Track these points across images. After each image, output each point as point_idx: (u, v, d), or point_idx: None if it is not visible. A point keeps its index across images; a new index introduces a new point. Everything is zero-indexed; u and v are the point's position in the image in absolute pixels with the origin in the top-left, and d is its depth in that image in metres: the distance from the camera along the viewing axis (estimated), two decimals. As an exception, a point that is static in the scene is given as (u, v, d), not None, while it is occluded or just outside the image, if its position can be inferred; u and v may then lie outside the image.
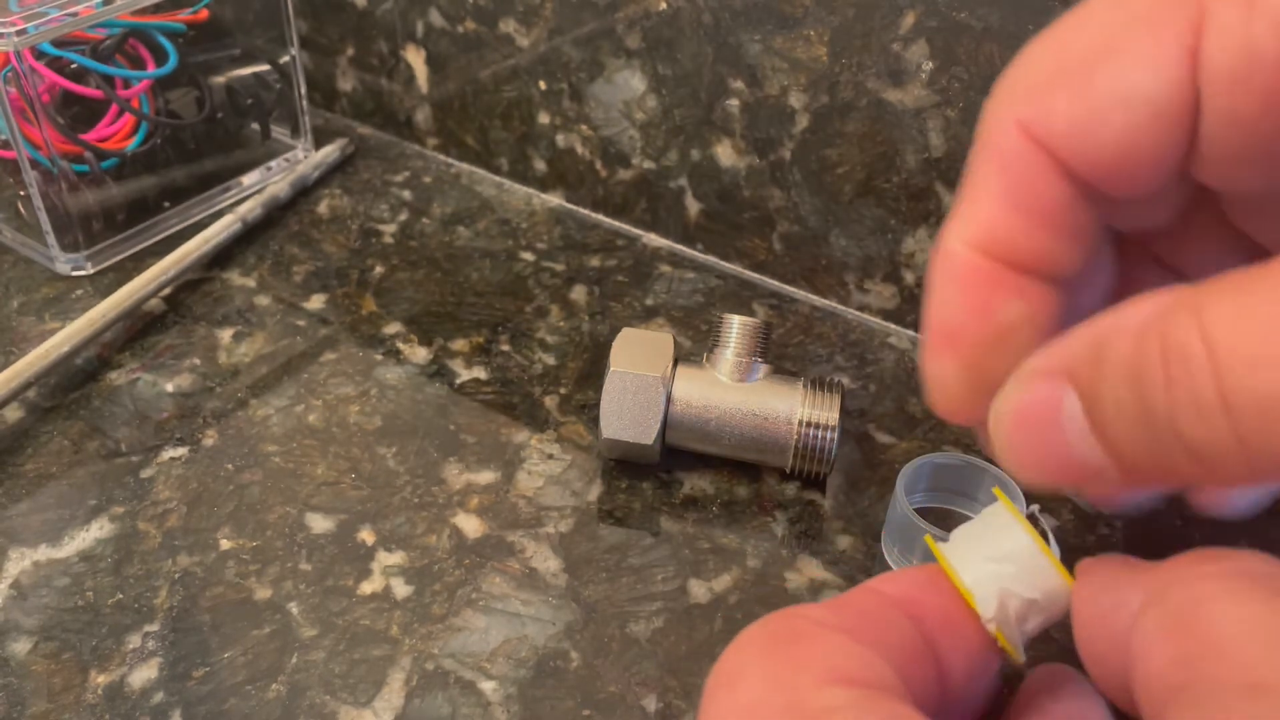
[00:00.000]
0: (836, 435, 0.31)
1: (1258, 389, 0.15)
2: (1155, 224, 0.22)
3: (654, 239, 0.44)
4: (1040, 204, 0.19)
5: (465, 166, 0.49)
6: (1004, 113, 0.20)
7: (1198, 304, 0.16)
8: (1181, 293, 0.16)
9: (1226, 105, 0.17)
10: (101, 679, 0.27)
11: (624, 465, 0.33)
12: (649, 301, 0.41)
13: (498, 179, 0.48)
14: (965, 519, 0.32)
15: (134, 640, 0.28)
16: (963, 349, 0.21)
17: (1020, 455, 0.19)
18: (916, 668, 0.19)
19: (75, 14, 0.38)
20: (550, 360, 0.38)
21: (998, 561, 0.20)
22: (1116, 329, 0.17)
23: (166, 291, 0.40)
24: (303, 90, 0.47)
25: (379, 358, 0.38)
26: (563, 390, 0.36)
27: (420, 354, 0.38)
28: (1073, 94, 0.18)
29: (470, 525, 0.31)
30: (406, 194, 0.47)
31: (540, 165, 0.46)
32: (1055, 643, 0.26)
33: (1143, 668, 0.17)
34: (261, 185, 0.46)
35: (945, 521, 0.32)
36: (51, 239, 0.40)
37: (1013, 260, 0.20)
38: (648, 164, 0.43)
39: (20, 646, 0.28)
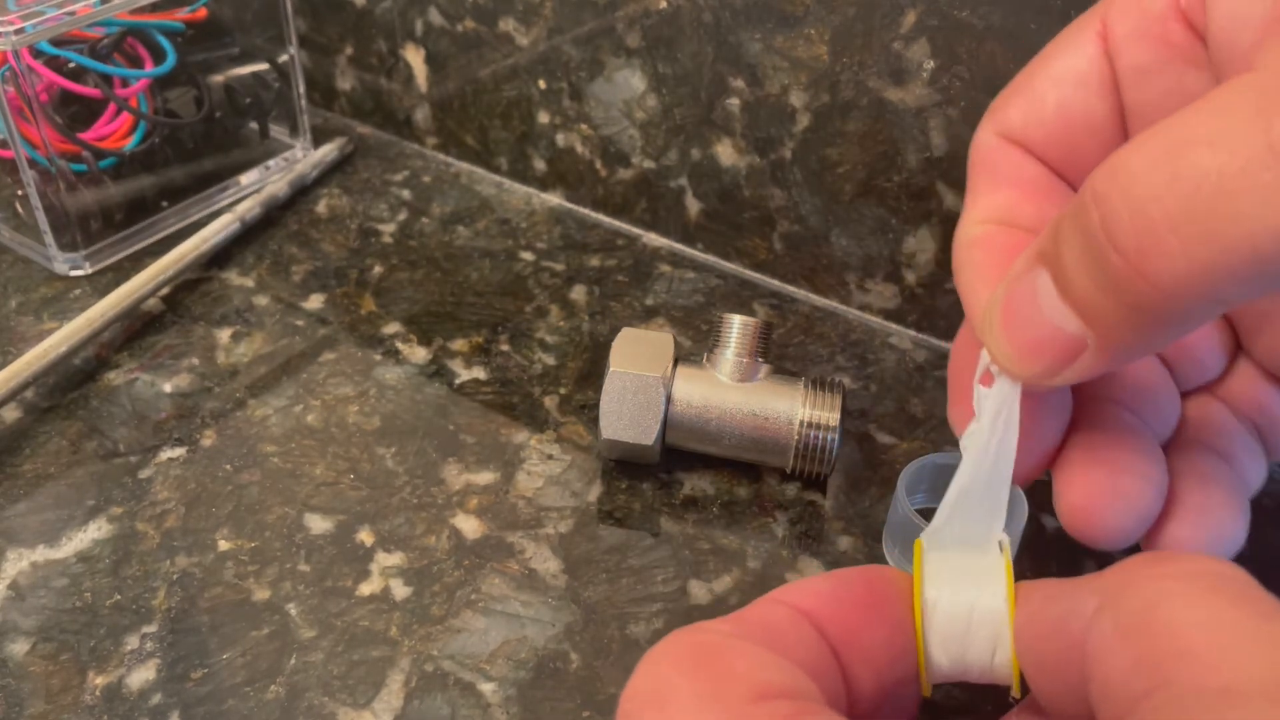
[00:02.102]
0: (837, 435, 0.31)
1: (1184, 172, 0.16)
2: None
3: (654, 239, 0.44)
4: (1021, 177, 0.24)
5: (465, 166, 0.49)
6: (981, 133, 0.25)
7: (1114, 153, 0.18)
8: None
9: (1131, 62, 0.22)
10: (100, 680, 0.27)
11: (624, 465, 0.33)
12: (649, 301, 0.41)
13: (497, 178, 0.48)
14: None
15: (132, 641, 0.28)
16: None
17: (1011, 344, 0.20)
18: (825, 681, 0.18)
19: (73, 13, 0.37)
20: (550, 360, 0.38)
21: (965, 621, 0.19)
22: (1068, 206, 0.19)
23: (165, 291, 0.40)
24: (301, 89, 0.47)
25: (378, 358, 0.37)
26: (563, 390, 0.36)
27: (420, 354, 0.38)
28: (1021, 96, 0.24)
29: (470, 526, 0.31)
30: (406, 193, 0.47)
31: (540, 165, 0.46)
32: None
33: (1101, 673, 0.16)
34: (260, 185, 0.46)
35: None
36: (49, 238, 0.40)
37: (1017, 225, 0.23)
38: (648, 163, 0.43)
39: (18, 647, 0.28)
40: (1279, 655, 0.14)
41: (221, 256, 0.42)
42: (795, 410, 0.31)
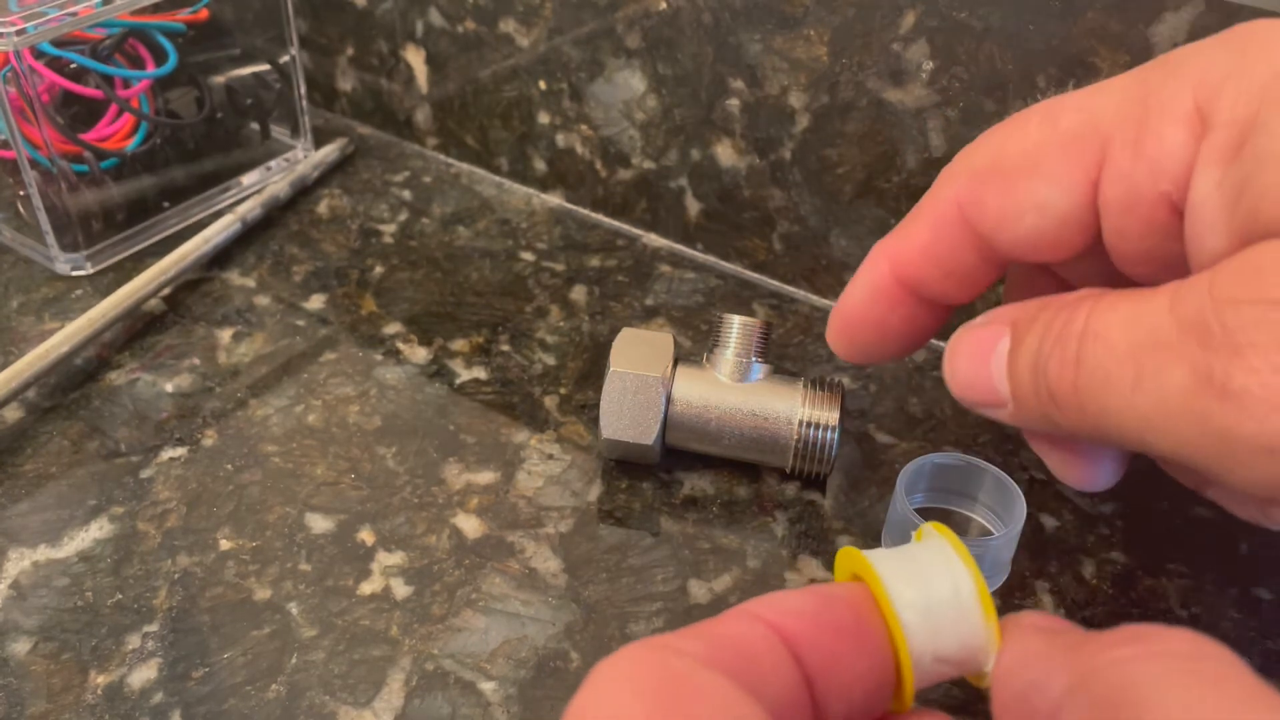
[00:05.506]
0: (837, 435, 0.31)
1: (1097, 359, 0.20)
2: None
3: (654, 239, 0.44)
4: (951, 263, 0.25)
5: (465, 166, 0.49)
6: (949, 187, 0.25)
7: (1099, 297, 0.21)
8: (1105, 291, 0.21)
9: (1116, 226, 0.22)
10: (101, 679, 0.27)
11: (624, 465, 0.33)
12: (649, 301, 0.41)
13: (498, 179, 0.48)
14: (966, 519, 0.32)
15: (133, 640, 0.28)
16: (852, 330, 0.28)
17: (959, 373, 0.25)
18: (793, 715, 0.17)
19: (75, 14, 0.38)
20: (550, 360, 0.38)
21: (936, 606, 0.19)
22: (1056, 302, 0.22)
23: (166, 291, 0.40)
24: (302, 90, 0.47)
25: (379, 358, 0.38)
26: (563, 390, 0.36)
27: (420, 354, 0.38)
28: (1001, 192, 0.24)
29: (470, 525, 0.31)
30: (406, 194, 0.47)
31: (540, 165, 0.46)
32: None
33: None
34: (261, 185, 0.46)
35: (945, 521, 0.32)
36: (51, 239, 0.40)
37: (917, 291, 0.26)
38: (648, 164, 0.43)
39: (20, 647, 0.28)
40: None
41: (223, 257, 0.42)
42: (795, 410, 0.31)
